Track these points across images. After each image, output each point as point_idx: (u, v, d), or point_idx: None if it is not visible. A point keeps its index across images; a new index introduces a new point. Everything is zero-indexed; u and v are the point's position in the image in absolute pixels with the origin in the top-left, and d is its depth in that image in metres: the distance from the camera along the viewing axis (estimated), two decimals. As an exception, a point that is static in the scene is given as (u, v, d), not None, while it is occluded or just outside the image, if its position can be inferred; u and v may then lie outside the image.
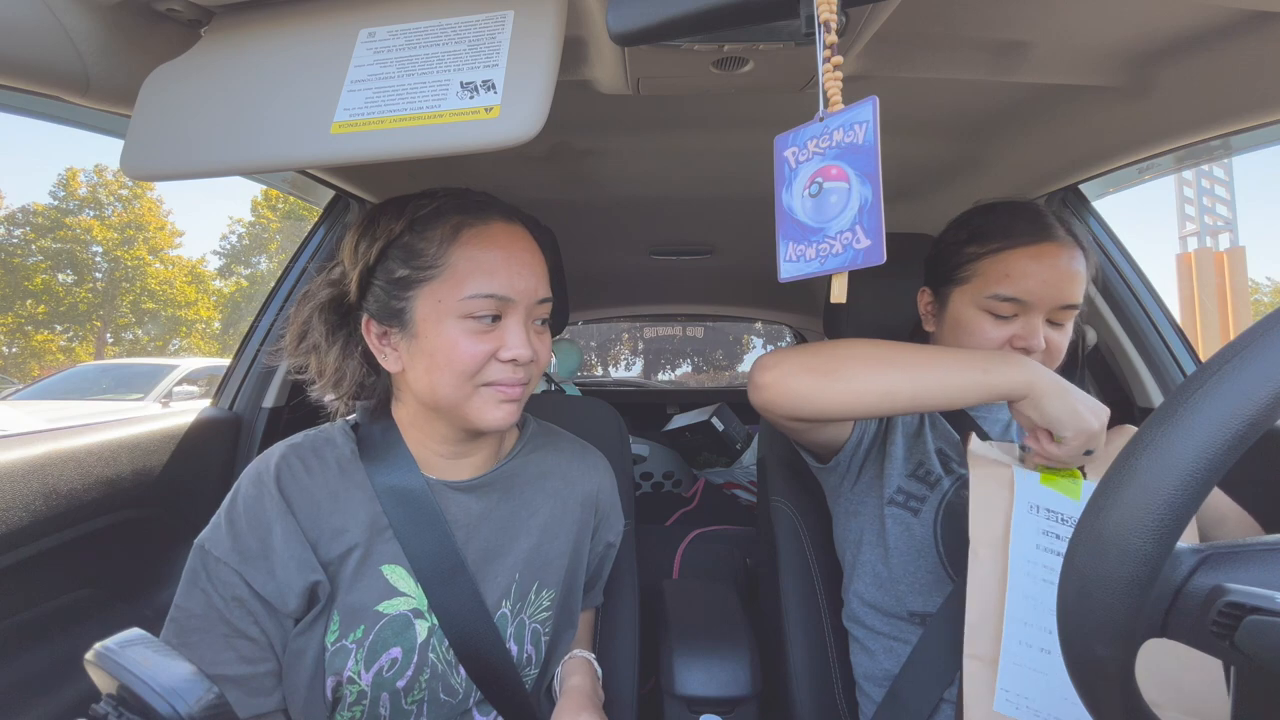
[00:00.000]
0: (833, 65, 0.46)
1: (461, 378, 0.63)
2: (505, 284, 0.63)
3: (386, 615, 0.64)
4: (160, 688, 0.38)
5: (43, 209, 19.39)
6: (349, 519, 0.65)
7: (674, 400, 2.49)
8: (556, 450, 0.81)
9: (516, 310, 0.64)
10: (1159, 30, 0.70)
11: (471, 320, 0.62)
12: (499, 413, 0.65)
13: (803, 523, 1.00)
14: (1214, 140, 0.84)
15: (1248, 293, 8.10)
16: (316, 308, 0.67)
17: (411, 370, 0.65)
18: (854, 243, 0.45)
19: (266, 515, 0.62)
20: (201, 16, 0.64)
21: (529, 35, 0.55)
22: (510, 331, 0.64)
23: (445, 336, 0.62)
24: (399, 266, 0.63)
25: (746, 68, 0.70)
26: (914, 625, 0.81)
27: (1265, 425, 0.30)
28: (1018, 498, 0.69)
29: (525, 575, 0.72)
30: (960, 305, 0.82)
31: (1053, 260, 0.76)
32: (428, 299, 0.62)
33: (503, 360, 0.64)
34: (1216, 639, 0.32)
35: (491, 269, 0.63)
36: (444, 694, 0.66)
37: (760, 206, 1.43)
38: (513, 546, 0.71)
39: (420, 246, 0.63)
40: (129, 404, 5.74)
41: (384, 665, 0.63)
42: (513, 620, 0.70)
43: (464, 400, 0.64)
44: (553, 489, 0.77)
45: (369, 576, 0.64)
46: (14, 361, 18.54)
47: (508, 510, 0.73)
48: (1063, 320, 0.78)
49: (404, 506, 0.66)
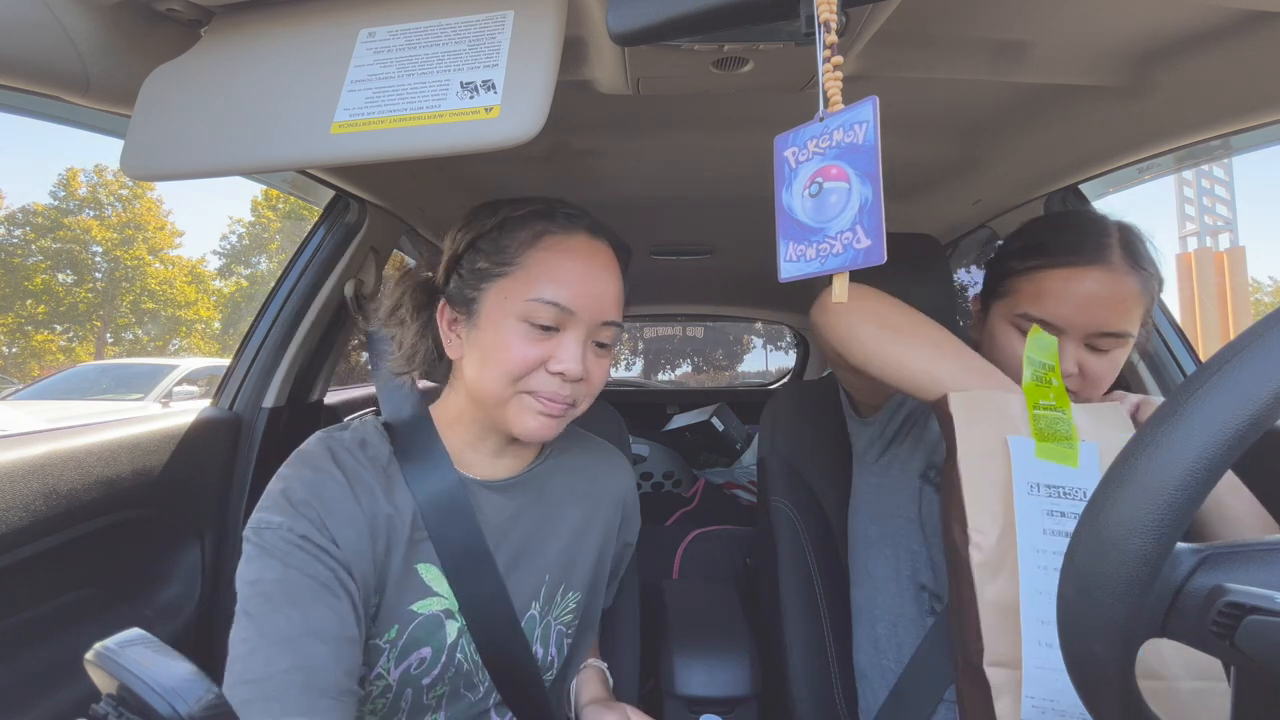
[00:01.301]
0: (833, 65, 0.46)
1: (507, 378, 0.62)
2: (571, 296, 0.62)
3: (420, 615, 0.63)
4: (160, 688, 0.38)
5: (43, 209, 19.39)
6: (394, 512, 0.64)
7: (674, 400, 2.49)
8: (585, 451, 0.81)
9: (577, 325, 0.63)
10: (1159, 30, 0.70)
11: (529, 324, 0.62)
12: (534, 423, 0.64)
13: (803, 523, 0.99)
14: (1214, 140, 0.84)
15: (1248, 293, 8.10)
16: (410, 285, 0.70)
17: (468, 360, 0.66)
18: (854, 242, 0.45)
19: (329, 491, 0.60)
20: (201, 16, 0.64)
21: (529, 35, 0.55)
22: (565, 345, 0.63)
23: (502, 334, 0.62)
24: (481, 258, 0.65)
25: (746, 68, 0.70)
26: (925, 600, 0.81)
27: (1265, 425, 0.30)
28: (1016, 478, 0.62)
29: (554, 577, 0.72)
30: (996, 318, 0.80)
31: (1092, 284, 0.71)
32: (497, 294, 0.63)
33: (551, 371, 0.63)
34: (1216, 639, 0.32)
35: (561, 278, 0.63)
36: (465, 690, 0.67)
37: (760, 206, 1.43)
38: (543, 548, 0.72)
39: (504, 243, 0.64)
40: (129, 404, 5.75)
41: (413, 664, 0.63)
42: (540, 622, 0.70)
43: (504, 402, 0.64)
44: (583, 491, 0.77)
45: (405, 575, 0.64)
46: (14, 361, 18.54)
47: (540, 512, 0.73)
48: (1105, 347, 0.72)
49: (439, 506, 0.66)
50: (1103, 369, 0.73)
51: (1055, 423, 0.65)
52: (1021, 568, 0.59)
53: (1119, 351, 0.73)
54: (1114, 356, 0.73)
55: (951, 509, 0.68)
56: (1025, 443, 0.64)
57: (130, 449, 0.94)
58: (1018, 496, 0.62)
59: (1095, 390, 0.74)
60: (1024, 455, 0.63)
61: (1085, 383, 0.74)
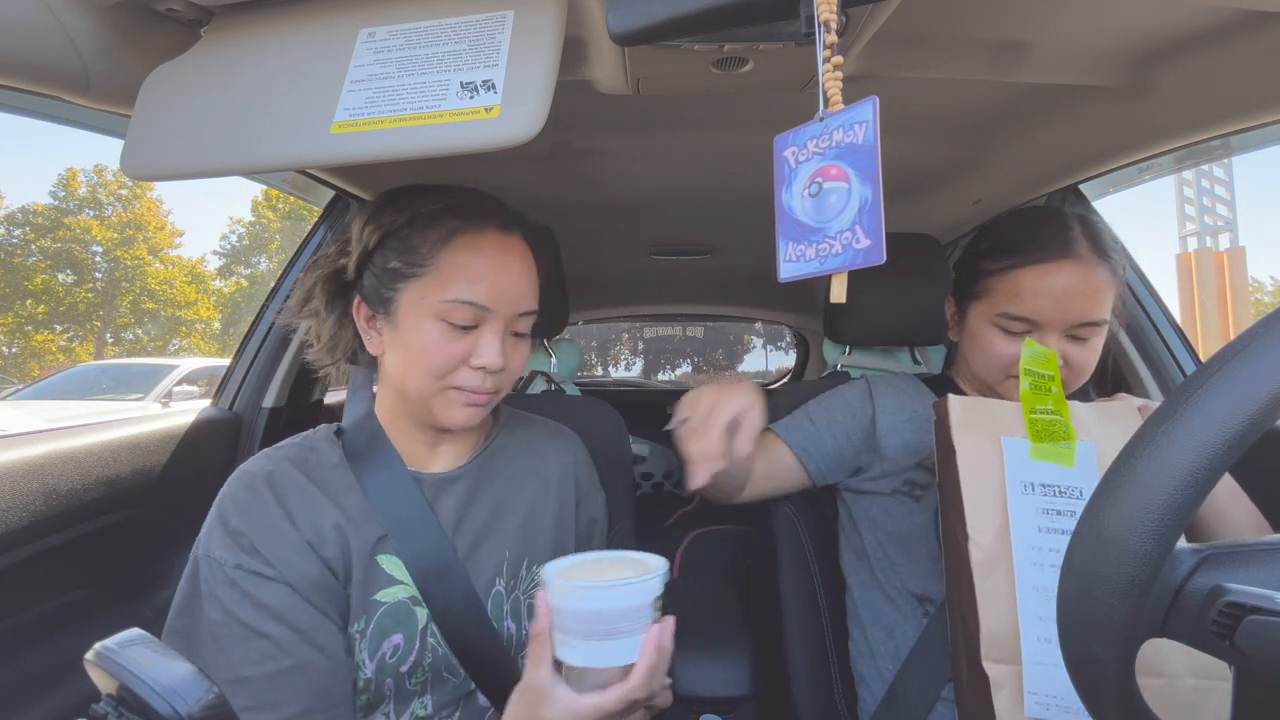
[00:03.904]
0: (833, 65, 0.46)
1: (430, 376, 0.65)
2: (486, 293, 0.64)
3: (385, 604, 0.65)
4: (160, 688, 0.38)
5: (43, 209, 19.38)
6: (343, 519, 0.65)
7: (674, 400, 2.49)
8: (530, 432, 0.83)
9: (494, 320, 0.66)
10: (1159, 30, 0.70)
11: (448, 324, 0.64)
12: (462, 415, 0.67)
13: (803, 523, 0.99)
14: (1214, 140, 0.84)
15: (1248, 293, 8.10)
16: (321, 276, 0.70)
17: (389, 357, 0.67)
18: (854, 243, 0.45)
19: (260, 514, 0.62)
20: (201, 16, 0.64)
21: (529, 35, 0.55)
22: (484, 340, 0.66)
23: (422, 333, 0.64)
24: (393, 257, 0.65)
25: (746, 68, 0.70)
26: (913, 606, 0.81)
27: (1265, 425, 0.30)
28: (1009, 478, 0.64)
29: (514, 553, 0.73)
30: (975, 319, 0.82)
31: (1066, 279, 0.74)
32: (413, 294, 0.64)
33: (473, 367, 0.65)
34: (1216, 639, 0.32)
35: (475, 277, 0.64)
36: (447, 673, 0.68)
37: (760, 206, 1.43)
38: (500, 527, 0.73)
39: (415, 243, 0.65)
40: (129, 404, 5.74)
41: (386, 652, 0.64)
42: (508, 597, 0.71)
43: (430, 398, 0.66)
44: (532, 467, 0.78)
45: (368, 569, 0.65)
46: (14, 361, 18.54)
47: (492, 493, 0.74)
48: (1085, 336, 0.76)
49: (394, 504, 0.67)
50: (1085, 357, 0.77)
51: (1053, 425, 0.67)
52: (1017, 565, 0.61)
53: (1096, 339, 0.77)
54: (1093, 344, 0.77)
55: (951, 508, 0.68)
56: (1019, 444, 0.66)
57: (130, 449, 0.94)
58: (1011, 495, 0.63)
59: (1081, 378, 0.78)
60: (1018, 456, 0.65)
61: (1071, 373, 0.77)
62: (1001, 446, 0.66)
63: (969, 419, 0.69)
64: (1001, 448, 0.66)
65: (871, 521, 0.87)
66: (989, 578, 0.63)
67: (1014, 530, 0.62)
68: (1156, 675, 0.57)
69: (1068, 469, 0.65)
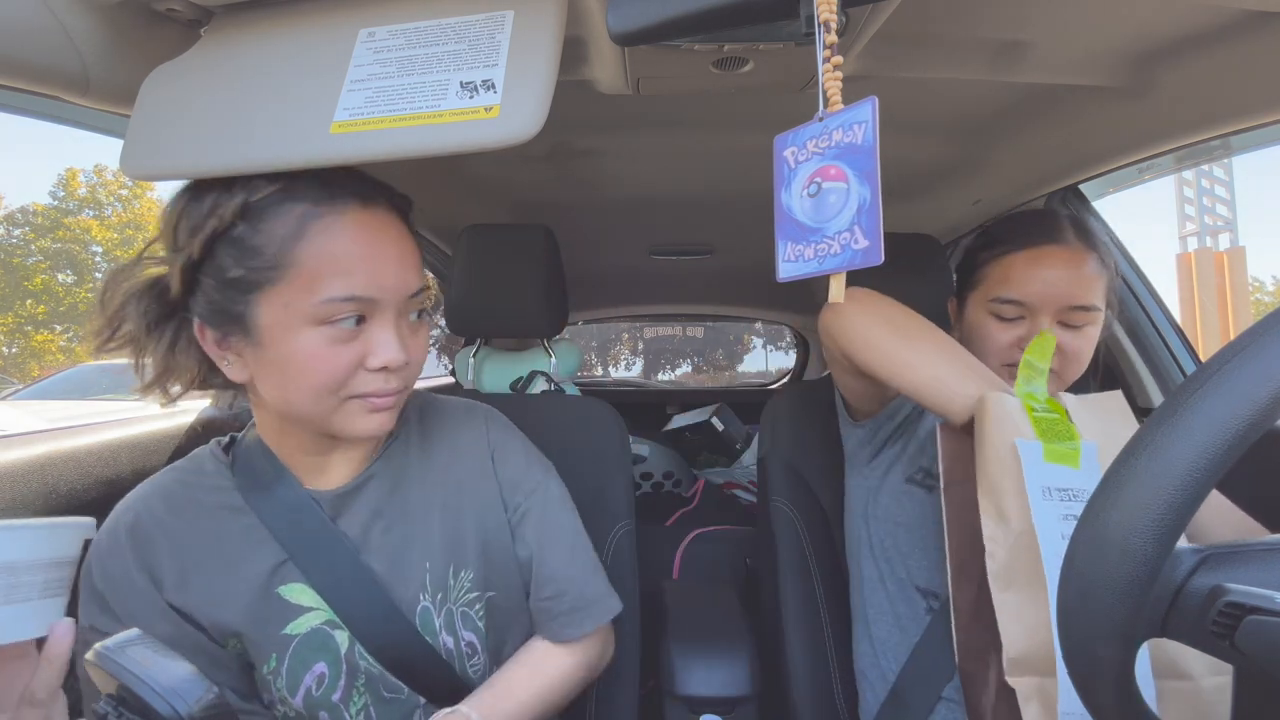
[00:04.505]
0: (833, 65, 0.46)
1: (322, 392, 0.54)
2: (366, 283, 0.54)
3: (298, 635, 0.59)
4: (160, 688, 0.38)
5: (43, 209, 19.37)
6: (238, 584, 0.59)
7: (674, 400, 2.49)
8: (439, 422, 0.72)
9: (384, 310, 0.56)
10: (1159, 30, 0.70)
11: (329, 326, 0.53)
12: (369, 423, 0.57)
13: (803, 523, 0.99)
14: (1214, 140, 0.84)
15: (1248, 293, 8.10)
16: (131, 295, 0.55)
17: (262, 382, 0.56)
18: (852, 243, 0.45)
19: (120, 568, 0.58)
20: (201, 16, 0.64)
21: (529, 35, 0.55)
22: (377, 336, 0.55)
23: (299, 346, 0.53)
24: (233, 265, 0.52)
25: (746, 68, 0.70)
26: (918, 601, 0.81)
27: (1265, 425, 0.30)
28: (1029, 484, 0.59)
29: (438, 561, 0.64)
30: (972, 309, 0.84)
31: (1055, 262, 0.76)
32: (273, 303, 0.52)
33: (371, 369, 0.56)
34: (1216, 639, 0.32)
35: (347, 267, 0.53)
36: (388, 691, 0.62)
37: (760, 206, 1.42)
38: (416, 537, 0.65)
39: (257, 243, 0.52)
40: (129, 404, 5.74)
41: (310, 686, 0.59)
42: (439, 611, 0.64)
43: (327, 414, 0.56)
44: (443, 465, 0.68)
45: (265, 604, 0.59)
46: (14, 361, 18.53)
47: (401, 501, 0.65)
48: (1077, 322, 0.77)
49: (293, 529, 0.60)
50: (1079, 345, 0.77)
51: (1054, 424, 0.64)
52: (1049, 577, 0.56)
53: (1091, 328, 0.78)
54: (1087, 333, 0.78)
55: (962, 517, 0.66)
56: (1033, 446, 0.62)
57: (130, 449, 0.94)
58: (1034, 502, 0.59)
59: (1074, 367, 0.78)
60: (1034, 459, 0.61)
61: (1065, 361, 0.77)
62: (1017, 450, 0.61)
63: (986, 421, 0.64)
64: (1017, 451, 0.61)
65: (883, 511, 0.86)
66: (1007, 589, 0.60)
67: (1042, 540, 0.57)
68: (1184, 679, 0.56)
69: (1075, 470, 0.61)
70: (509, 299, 1.00)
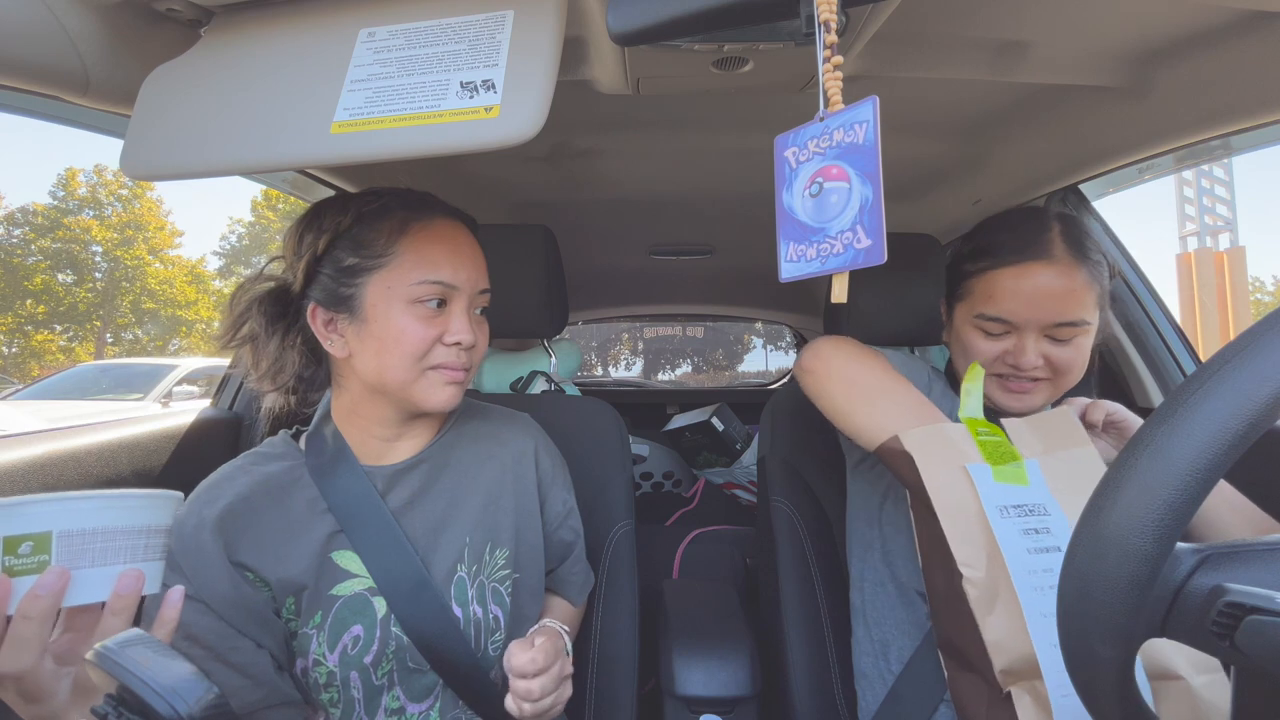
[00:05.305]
0: (833, 65, 0.46)
1: (410, 360, 0.67)
2: (450, 273, 0.68)
3: (342, 597, 0.67)
4: (160, 688, 0.38)
5: (43, 209, 19.38)
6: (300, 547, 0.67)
7: (674, 400, 2.49)
8: (486, 418, 0.84)
9: (460, 298, 0.69)
10: (1159, 30, 0.70)
11: (419, 305, 0.66)
12: (444, 394, 0.69)
13: (803, 523, 0.99)
14: (1214, 140, 0.84)
15: (1248, 293, 8.10)
16: (255, 300, 0.70)
17: (360, 355, 0.68)
18: (855, 242, 0.45)
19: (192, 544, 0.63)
20: (201, 16, 0.64)
21: (529, 35, 0.55)
22: (454, 317, 0.69)
23: (395, 321, 0.66)
24: (348, 255, 0.67)
25: (746, 68, 0.70)
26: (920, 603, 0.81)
27: (1265, 425, 0.30)
28: (986, 505, 0.62)
29: (477, 537, 0.74)
30: (959, 320, 0.83)
31: (1040, 280, 0.74)
32: (377, 285, 0.66)
33: (447, 344, 0.68)
34: (1216, 639, 0.31)
35: (437, 259, 0.67)
36: (413, 663, 0.69)
37: (760, 206, 1.43)
38: (459, 512, 0.74)
39: (369, 237, 0.67)
40: (129, 404, 5.74)
41: (347, 644, 0.66)
42: (472, 582, 0.72)
43: (411, 382, 0.68)
44: (489, 451, 0.79)
45: (322, 566, 0.67)
46: (14, 361, 18.53)
47: (450, 479, 0.76)
48: (1064, 337, 0.75)
49: (346, 500, 0.69)
50: (1068, 357, 0.76)
51: (999, 446, 0.67)
52: (1020, 593, 0.58)
53: (1082, 339, 0.76)
54: (1077, 344, 0.76)
55: (932, 547, 0.67)
56: (983, 469, 0.65)
57: (130, 449, 0.94)
58: (993, 522, 0.62)
59: (1066, 379, 0.77)
60: (986, 481, 0.64)
61: (1055, 373, 0.77)
62: (969, 475, 0.64)
63: (928, 450, 0.66)
64: (968, 476, 0.64)
65: (890, 511, 0.86)
66: (990, 611, 0.61)
67: (1008, 558, 0.59)
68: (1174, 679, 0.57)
69: (1025, 488, 0.64)
70: (509, 299, 1.00)
